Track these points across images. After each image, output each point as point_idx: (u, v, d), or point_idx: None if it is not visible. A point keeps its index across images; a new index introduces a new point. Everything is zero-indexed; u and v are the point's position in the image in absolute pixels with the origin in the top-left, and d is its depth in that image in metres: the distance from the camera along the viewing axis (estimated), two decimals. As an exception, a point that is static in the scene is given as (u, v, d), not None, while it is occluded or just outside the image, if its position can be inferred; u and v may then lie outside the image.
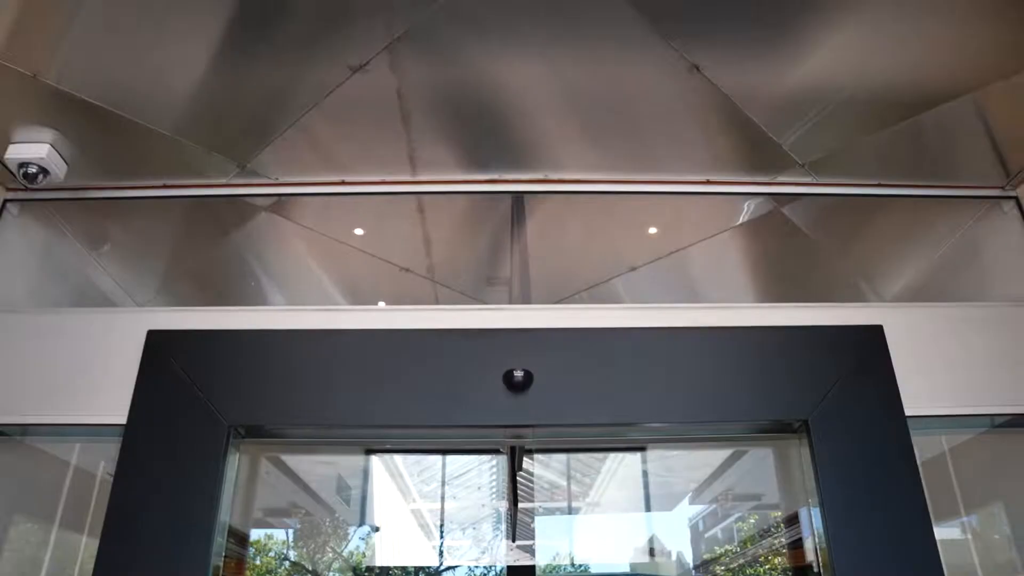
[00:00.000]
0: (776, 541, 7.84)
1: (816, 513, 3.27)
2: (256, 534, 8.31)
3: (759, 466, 6.75)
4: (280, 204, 3.88)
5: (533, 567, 8.87)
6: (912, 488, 3.21)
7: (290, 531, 8.41)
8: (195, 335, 3.38)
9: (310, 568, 8.59)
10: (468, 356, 3.32)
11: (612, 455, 11.02)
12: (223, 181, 3.68)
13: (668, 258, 4.17)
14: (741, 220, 4.03)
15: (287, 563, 8.22)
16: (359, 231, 4.30)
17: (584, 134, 3.48)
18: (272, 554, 8.25)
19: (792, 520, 5.77)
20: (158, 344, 3.37)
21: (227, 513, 3.27)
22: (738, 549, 8.57)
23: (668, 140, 3.50)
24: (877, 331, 3.47)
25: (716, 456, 7.60)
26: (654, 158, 3.61)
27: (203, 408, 3.24)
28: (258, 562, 8.26)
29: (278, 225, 4.02)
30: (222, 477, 3.16)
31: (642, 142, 3.52)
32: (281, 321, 3.42)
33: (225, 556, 5.43)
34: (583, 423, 3.27)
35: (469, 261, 4.30)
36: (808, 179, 3.74)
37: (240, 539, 5.55)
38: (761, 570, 8.63)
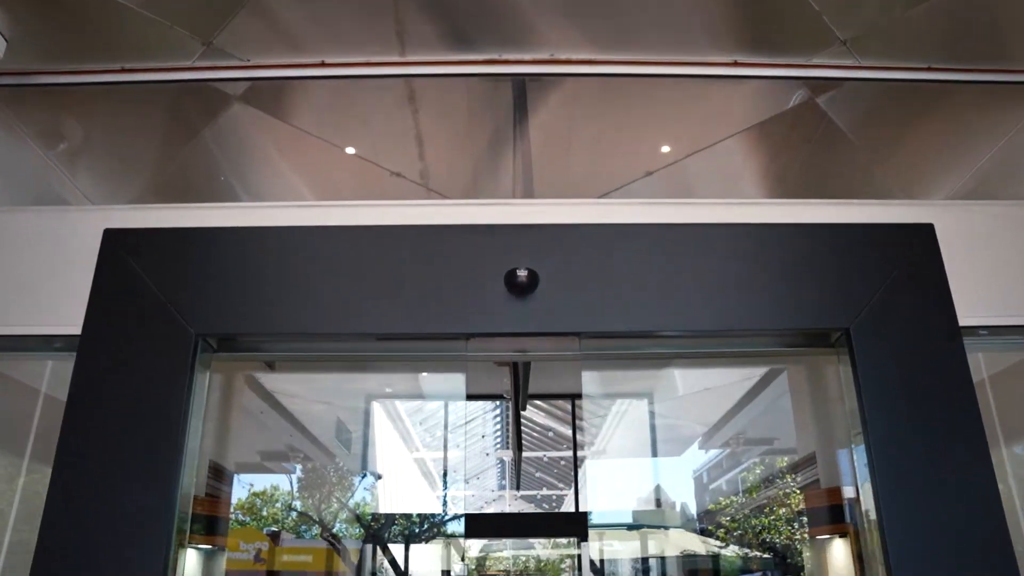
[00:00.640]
0: (781, 492, 7.44)
1: (858, 451, 2.83)
2: (261, 483, 7.99)
3: (772, 408, 6.33)
4: (254, 93, 3.38)
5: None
6: (966, 407, 2.73)
7: (294, 480, 8.06)
8: (157, 234, 2.90)
9: (316, 518, 8.27)
10: (465, 255, 2.84)
11: (619, 400, 10.65)
12: (188, 63, 3.18)
13: (689, 160, 3.67)
14: (772, 114, 3.53)
15: (294, 513, 7.90)
16: (351, 150, 3.84)
17: (597, 4, 2.96)
18: (279, 504, 7.93)
19: (809, 461, 5.38)
20: (116, 244, 2.90)
21: (197, 436, 2.83)
22: (744, 499, 8.20)
23: (693, 8, 2.99)
24: (927, 231, 2.99)
25: (727, 398, 7.20)
26: (678, 31, 3.09)
27: (167, 315, 2.78)
28: (264, 513, 7.95)
29: (252, 119, 3.52)
30: (190, 394, 2.69)
31: (664, 11, 3.00)
32: (255, 219, 2.95)
33: (207, 494, 5.05)
34: (596, 331, 2.80)
35: (467, 166, 3.80)
36: (849, 61, 3.23)
37: (217, 473, 5.16)
38: (766, 520, 8.31)
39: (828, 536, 4.83)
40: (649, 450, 9.06)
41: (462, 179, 3.89)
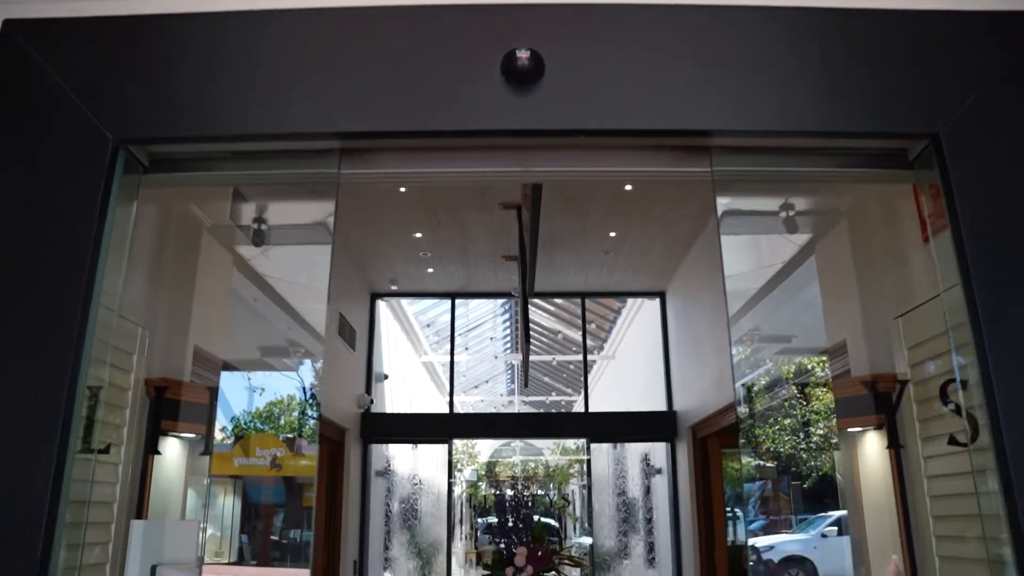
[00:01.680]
0: (792, 397, 6.82)
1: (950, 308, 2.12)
2: (273, 390, 7.43)
3: (792, 302, 5.68)
4: None
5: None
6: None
7: (306, 384, 7.54)
8: (70, 25, 2.21)
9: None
10: (453, 39, 2.12)
11: (631, 300, 10.02)
12: None
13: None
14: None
15: (311, 421, 7.51)
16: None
17: None
18: (296, 414, 7.54)
19: (838, 351, 4.76)
20: (18, 36, 2.22)
21: (117, 284, 2.15)
22: (750, 410, 7.59)
23: None
24: (1035, 16, 2.25)
25: (745, 290, 6.54)
26: None
27: (80, 119, 2.10)
28: (282, 421, 7.54)
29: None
30: (104, 219, 2.02)
31: None
32: (188, 4, 2.26)
33: (191, 380, 4.49)
34: (616, 129, 2.09)
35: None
36: None
37: (204, 359, 4.59)
38: (770, 431, 7.76)
39: (860, 429, 4.26)
40: (660, 351, 8.50)
41: None
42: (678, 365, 8.36)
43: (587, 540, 8.94)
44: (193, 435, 4.33)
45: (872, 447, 4.25)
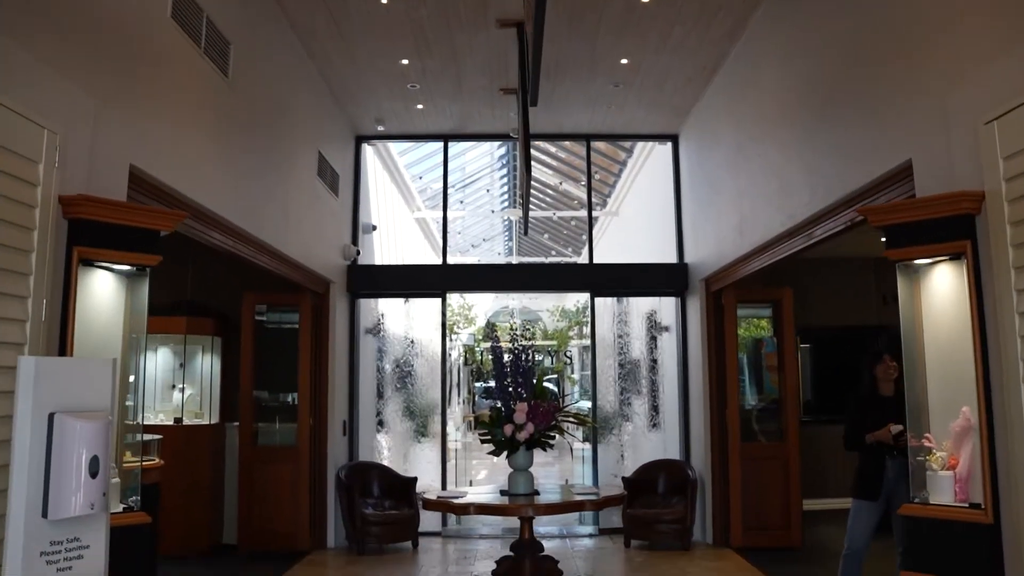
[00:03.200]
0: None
1: None
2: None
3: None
4: None
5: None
6: None
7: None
8: None
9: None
10: None
11: (637, 151, 8.92)
12: None
13: None
14: None
15: None
16: None
17: None
18: None
19: (898, 176, 3.82)
20: None
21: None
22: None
23: None
24: None
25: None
26: None
27: None
28: None
29: None
30: None
31: None
32: None
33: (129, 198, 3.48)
34: None
35: None
36: None
37: (138, 180, 3.54)
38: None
39: (929, 260, 3.32)
40: (672, 199, 7.50)
41: None
42: (691, 214, 7.38)
43: (586, 404, 8.19)
44: (130, 266, 3.36)
45: (943, 279, 3.33)
